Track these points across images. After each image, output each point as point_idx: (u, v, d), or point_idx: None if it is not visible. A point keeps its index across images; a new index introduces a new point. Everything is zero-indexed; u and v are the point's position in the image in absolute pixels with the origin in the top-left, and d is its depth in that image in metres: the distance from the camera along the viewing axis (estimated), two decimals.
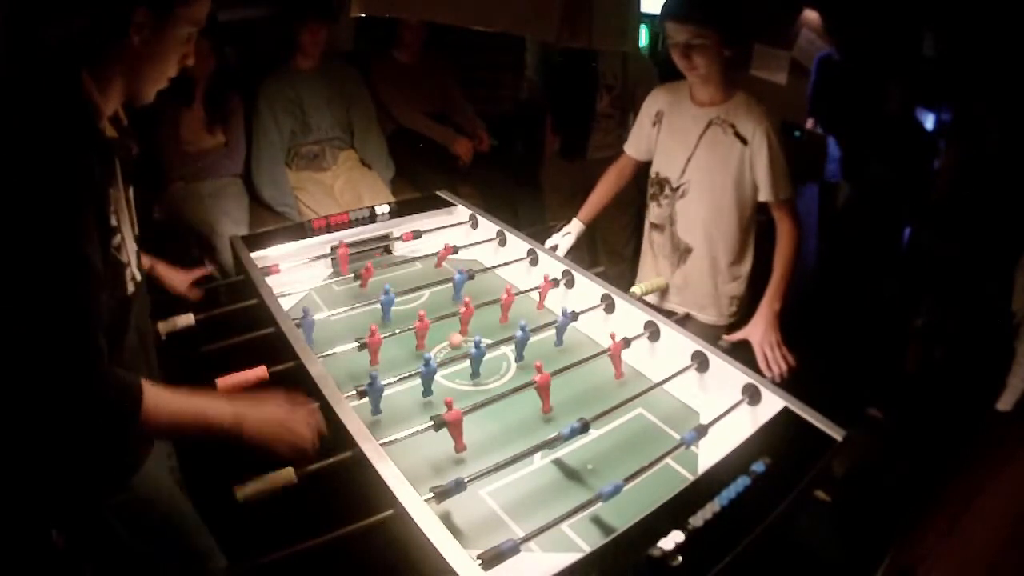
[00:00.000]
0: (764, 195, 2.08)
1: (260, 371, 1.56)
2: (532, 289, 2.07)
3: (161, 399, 1.16)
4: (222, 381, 1.53)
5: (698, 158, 2.14)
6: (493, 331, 1.87)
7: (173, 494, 1.49)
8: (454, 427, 1.43)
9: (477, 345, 1.70)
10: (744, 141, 2.05)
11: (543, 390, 1.59)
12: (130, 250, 1.25)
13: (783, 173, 2.05)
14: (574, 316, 1.86)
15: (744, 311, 2.27)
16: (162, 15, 1.14)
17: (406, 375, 1.62)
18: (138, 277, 1.31)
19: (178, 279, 1.93)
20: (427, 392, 1.65)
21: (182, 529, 1.44)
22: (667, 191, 2.24)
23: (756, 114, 2.04)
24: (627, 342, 1.74)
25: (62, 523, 1.31)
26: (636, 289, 2.09)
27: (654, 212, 2.31)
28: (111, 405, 1.11)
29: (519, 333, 1.77)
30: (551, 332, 1.87)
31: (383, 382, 1.55)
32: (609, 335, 1.76)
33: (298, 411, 1.29)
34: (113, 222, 1.17)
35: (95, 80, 1.14)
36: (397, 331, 1.81)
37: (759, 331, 2.01)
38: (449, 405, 1.42)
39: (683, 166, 2.18)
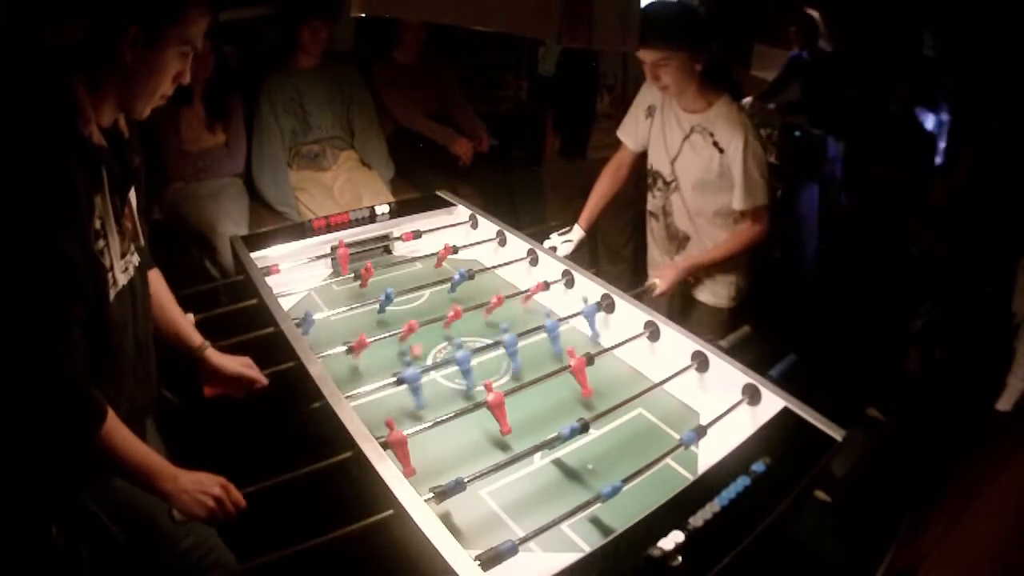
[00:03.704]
0: (735, 202, 2.16)
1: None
2: (521, 292, 2.05)
3: (121, 432, 1.20)
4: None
5: (682, 159, 2.24)
6: (491, 332, 1.87)
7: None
8: (399, 448, 1.37)
9: (460, 347, 1.68)
10: (721, 150, 2.13)
11: (497, 409, 1.49)
12: (114, 255, 1.25)
13: (755, 183, 2.12)
14: (599, 305, 1.85)
15: (746, 295, 2.37)
16: (154, 34, 1.16)
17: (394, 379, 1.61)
18: (128, 282, 1.31)
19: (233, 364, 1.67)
20: (419, 403, 1.60)
21: (168, 528, 1.44)
22: (660, 184, 2.34)
23: (734, 124, 2.11)
24: (590, 358, 1.65)
25: (57, 518, 1.31)
26: (656, 282, 2.12)
27: (651, 202, 2.42)
28: (71, 412, 1.14)
29: (507, 338, 1.72)
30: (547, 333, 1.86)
31: (379, 383, 1.55)
32: (567, 351, 1.69)
33: (215, 482, 1.29)
34: (96, 225, 1.18)
35: (88, 88, 1.17)
36: (400, 330, 1.81)
37: (665, 269, 2.21)
38: (391, 426, 1.38)
39: (671, 164, 2.27)
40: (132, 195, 1.33)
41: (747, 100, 3.82)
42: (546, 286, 2.03)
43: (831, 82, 3.52)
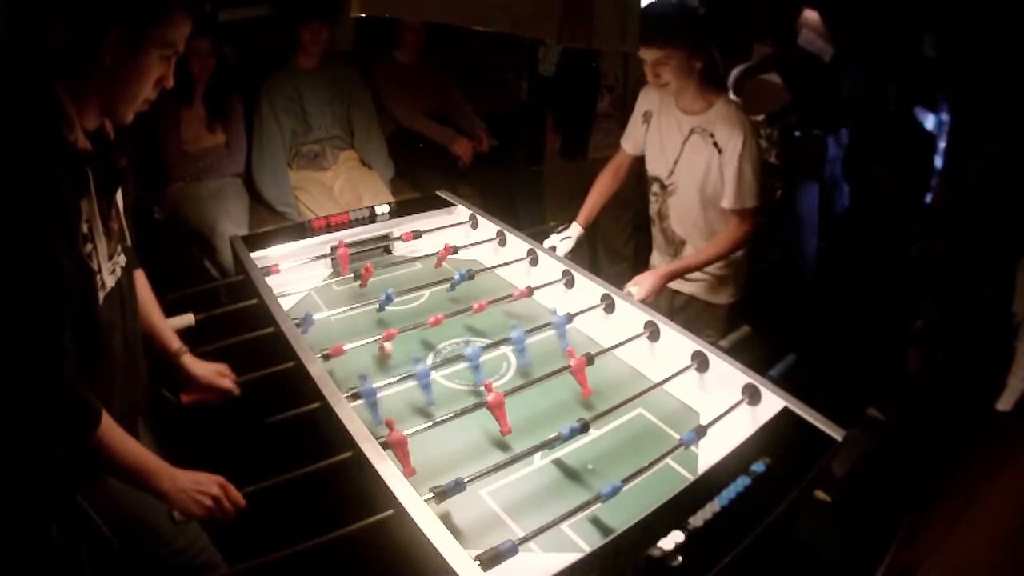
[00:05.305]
0: (725, 201, 2.17)
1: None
2: (504, 298, 2.03)
3: (116, 433, 1.20)
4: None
5: (683, 162, 2.24)
6: (492, 332, 1.86)
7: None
8: (399, 448, 1.37)
9: (468, 343, 1.68)
10: (720, 150, 2.14)
11: (497, 409, 1.48)
12: (102, 257, 1.25)
13: (747, 184, 2.13)
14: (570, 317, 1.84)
15: (745, 291, 2.40)
16: (135, 36, 1.14)
17: (396, 378, 1.61)
18: (115, 284, 1.31)
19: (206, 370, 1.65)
20: (429, 400, 1.61)
21: (162, 528, 1.44)
22: (657, 188, 2.36)
23: (733, 125, 2.12)
24: (590, 358, 1.65)
25: (56, 517, 1.31)
26: (633, 289, 2.10)
27: (650, 205, 2.44)
28: (66, 416, 1.15)
29: (514, 334, 1.74)
30: (552, 332, 1.86)
31: (380, 383, 1.55)
32: (567, 351, 1.68)
33: (213, 481, 1.30)
34: (84, 229, 1.18)
35: (71, 93, 1.15)
36: (380, 336, 1.79)
37: (645, 276, 2.16)
38: (390, 426, 1.38)
39: (671, 167, 2.28)
40: (119, 196, 1.33)
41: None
42: (529, 292, 2.01)
43: (816, 80, 3.51)
